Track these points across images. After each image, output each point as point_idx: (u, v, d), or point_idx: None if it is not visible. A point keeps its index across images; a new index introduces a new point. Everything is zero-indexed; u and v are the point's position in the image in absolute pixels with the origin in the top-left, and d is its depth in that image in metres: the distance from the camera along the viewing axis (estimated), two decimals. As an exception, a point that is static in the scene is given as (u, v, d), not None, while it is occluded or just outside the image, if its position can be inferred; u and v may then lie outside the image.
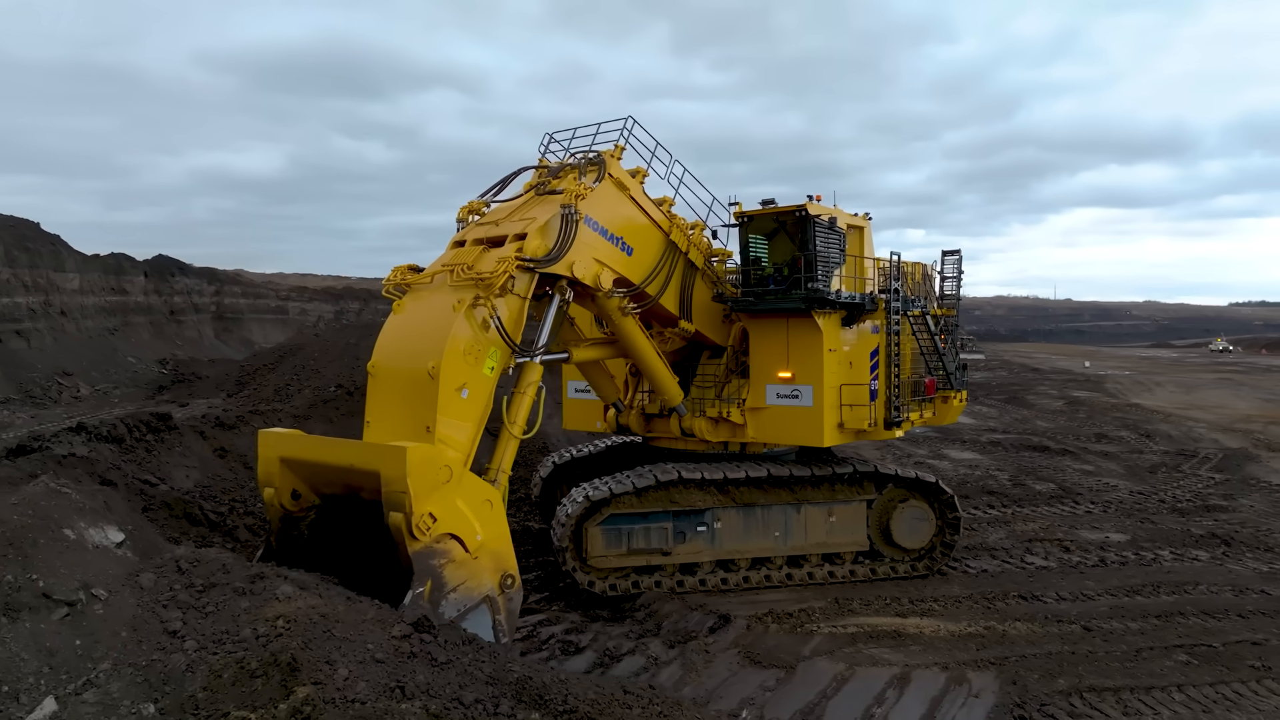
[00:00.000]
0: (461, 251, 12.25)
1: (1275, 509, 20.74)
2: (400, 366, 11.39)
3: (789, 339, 14.62)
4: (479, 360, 11.19)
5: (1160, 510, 20.43)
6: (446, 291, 11.63)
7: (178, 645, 7.30)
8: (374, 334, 32.33)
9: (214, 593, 7.94)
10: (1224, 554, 16.48)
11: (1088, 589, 14.24)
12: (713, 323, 15.66)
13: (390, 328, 11.93)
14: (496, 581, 10.25)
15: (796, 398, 14.60)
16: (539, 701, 7.65)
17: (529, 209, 12.88)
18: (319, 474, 10.87)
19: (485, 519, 10.34)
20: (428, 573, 9.50)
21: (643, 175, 14.09)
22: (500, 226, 12.67)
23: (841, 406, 14.53)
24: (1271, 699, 10.18)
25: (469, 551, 10.02)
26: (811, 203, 14.34)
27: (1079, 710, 9.94)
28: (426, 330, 11.34)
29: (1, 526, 7.52)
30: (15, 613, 7.06)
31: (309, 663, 6.96)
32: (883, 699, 10.32)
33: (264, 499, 11.14)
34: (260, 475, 11.15)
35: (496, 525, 10.50)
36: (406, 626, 7.85)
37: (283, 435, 11.65)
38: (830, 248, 14.64)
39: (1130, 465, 26.52)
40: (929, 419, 15.94)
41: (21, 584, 7.21)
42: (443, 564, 9.69)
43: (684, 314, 14.91)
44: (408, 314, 11.92)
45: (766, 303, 14.53)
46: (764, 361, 14.96)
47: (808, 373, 14.43)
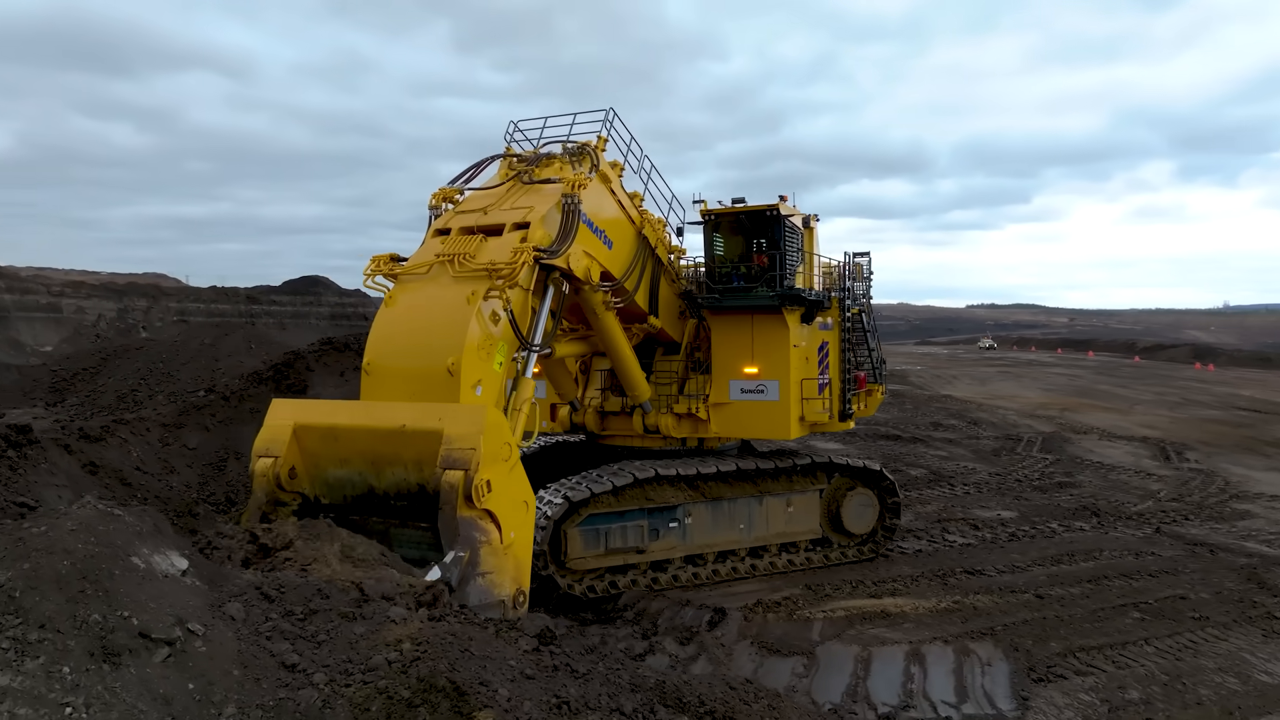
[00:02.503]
0: (458, 241, 11.55)
1: (1110, 483, 23.71)
2: (406, 364, 10.62)
3: (754, 335, 14.99)
4: (490, 355, 10.65)
5: (1023, 489, 22.77)
6: (449, 283, 10.97)
7: (303, 680, 6.45)
8: (229, 333, 29.67)
9: (318, 619, 7.07)
10: (1099, 524, 18.66)
11: (1016, 561, 15.67)
12: (671, 319, 15.78)
13: (385, 322, 11.11)
14: (512, 592, 9.54)
15: (762, 393, 14.99)
16: (680, 704, 7.47)
17: (521, 198, 12.38)
18: (342, 446, 9.78)
19: (519, 521, 9.73)
20: (470, 543, 8.76)
21: (620, 169, 13.95)
22: (490, 215, 12.09)
23: (803, 401, 15.11)
24: (1221, 644, 11.73)
25: (502, 543, 9.32)
26: (781, 203, 14.80)
27: (1080, 668, 10.98)
28: (435, 324, 10.66)
29: (70, 557, 6.31)
30: (116, 657, 5.95)
31: (469, 685, 6.40)
32: (910, 674, 10.87)
33: (254, 472, 9.89)
34: (258, 444, 9.99)
35: (526, 533, 9.94)
36: (532, 639, 7.38)
37: (301, 402, 10.57)
38: (793, 247, 15.19)
39: (975, 450, 29.29)
40: (860, 411, 16.88)
41: (114, 623, 6.09)
42: (482, 542, 8.92)
43: (652, 310, 14.90)
44: (403, 307, 11.15)
45: (740, 299, 14.82)
46: (727, 358, 15.24)
47: (774, 368, 14.87)
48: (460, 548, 8.63)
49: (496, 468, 9.10)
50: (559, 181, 12.27)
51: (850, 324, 16.17)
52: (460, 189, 13.08)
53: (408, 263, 11.66)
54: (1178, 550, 16.35)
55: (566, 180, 12.19)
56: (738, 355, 15.14)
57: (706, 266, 15.47)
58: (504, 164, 13.44)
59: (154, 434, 20.01)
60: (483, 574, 8.91)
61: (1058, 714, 9.81)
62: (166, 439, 19.98)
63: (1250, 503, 21.27)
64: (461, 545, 8.65)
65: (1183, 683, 10.52)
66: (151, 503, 16.98)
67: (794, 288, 14.59)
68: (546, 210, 11.71)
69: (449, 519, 8.75)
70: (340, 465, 9.93)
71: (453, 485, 8.74)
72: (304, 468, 10.03)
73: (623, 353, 14.26)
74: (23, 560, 6.19)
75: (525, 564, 9.79)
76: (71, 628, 5.95)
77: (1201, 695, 10.20)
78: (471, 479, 8.71)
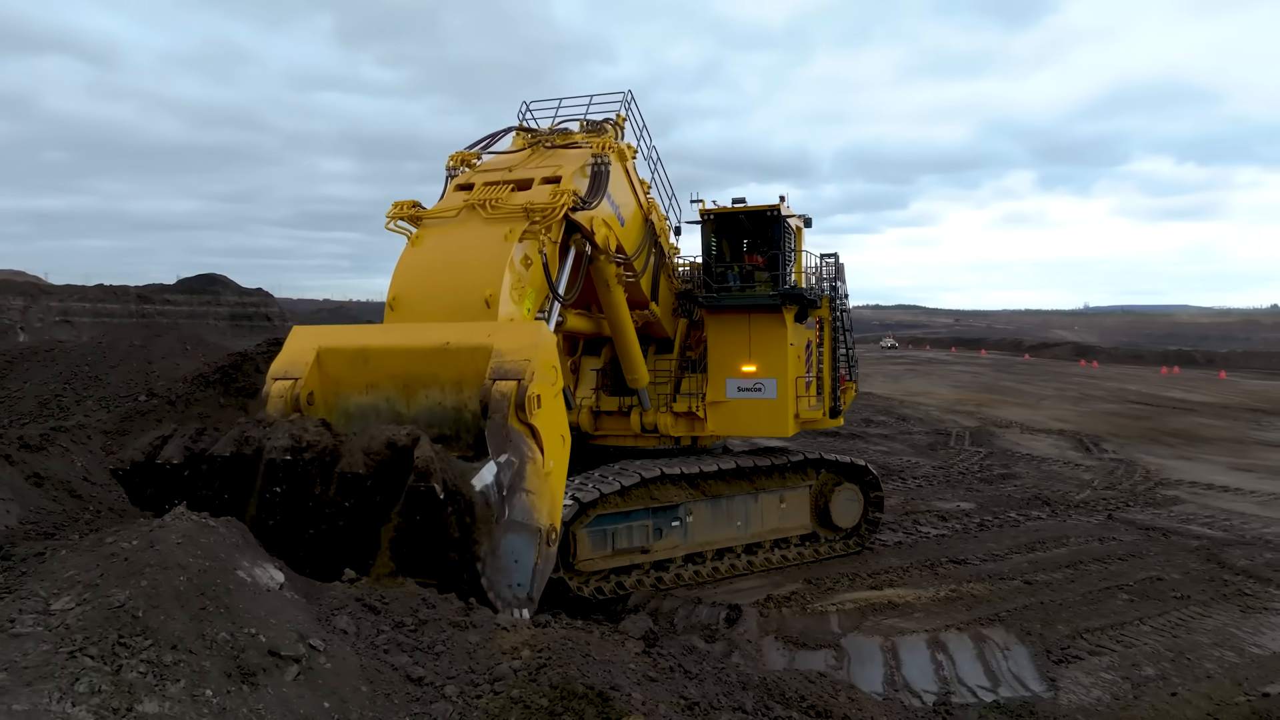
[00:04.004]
0: (486, 189, 11.09)
1: (1046, 474, 25.02)
2: (438, 297, 9.97)
3: (751, 334, 15.16)
4: (521, 298, 10.11)
5: (970, 481, 23.78)
6: (481, 225, 10.48)
7: (435, 693, 6.17)
8: (161, 334, 28.15)
9: (430, 630, 6.78)
10: (1053, 512, 19.67)
11: (992, 550, 16.36)
12: (667, 313, 15.78)
13: (412, 259, 10.52)
14: (547, 525, 8.60)
15: (759, 391, 15.18)
16: (785, 700, 7.51)
17: (546, 159, 12.05)
18: (372, 369, 9.00)
19: (557, 453, 8.88)
20: (519, 454, 8.00)
21: (634, 153, 13.92)
22: (515, 172, 11.68)
23: (797, 398, 15.37)
24: (1208, 620, 12.57)
25: (544, 468, 8.57)
26: (783, 203, 15.02)
27: (1092, 648, 11.58)
28: (469, 260, 10.11)
29: (185, 573, 5.87)
30: (252, 677, 5.57)
31: (606, 690, 6.25)
32: (938, 662, 11.22)
33: (268, 394, 8.89)
34: (275, 367, 9.09)
35: (562, 467, 9.10)
36: (638, 641, 7.28)
37: (324, 327, 9.94)
38: (788, 247, 15.44)
39: (912, 445, 30.39)
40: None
41: (244, 641, 5.70)
42: (529, 458, 8.11)
43: (653, 297, 14.87)
44: (432, 247, 10.60)
45: (741, 298, 14.93)
46: (724, 356, 15.35)
47: (772, 366, 15.08)
48: (514, 455, 7.88)
49: (545, 389, 8.47)
50: (585, 146, 12.12)
51: (838, 322, 16.55)
52: (478, 153, 12.76)
53: (433, 209, 11.18)
54: (1135, 535, 17.41)
55: (594, 143, 12.07)
56: (735, 354, 15.29)
57: (704, 265, 15.56)
58: (518, 137, 13.20)
59: (96, 442, 18.73)
60: (527, 491, 8.12)
61: (1086, 693, 10.31)
62: (110, 447, 18.73)
63: (1175, 489, 22.82)
64: (514, 452, 7.90)
65: (1187, 658, 11.23)
66: (105, 515, 15.94)
67: (796, 287, 14.84)
68: (577, 167, 11.42)
69: (499, 426, 7.96)
70: (366, 391, 9.12)
71: (504, 394, 8.04)
72: (323, 395, 9.14)
73: (628, 332, 14.11)
74: (137, 578, 5.73)
75: (559, 500, 9.06)
76: (202, 648, 5.55)
77: (1208, 669, 10.91)
78: (525, 389, 8.05)
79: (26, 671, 4.93)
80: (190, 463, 7.58)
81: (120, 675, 5.11)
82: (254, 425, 7.72)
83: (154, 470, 7.74)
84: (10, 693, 4.76)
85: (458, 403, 8.68)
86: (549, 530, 8.37)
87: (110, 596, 5.54)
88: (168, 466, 7.63)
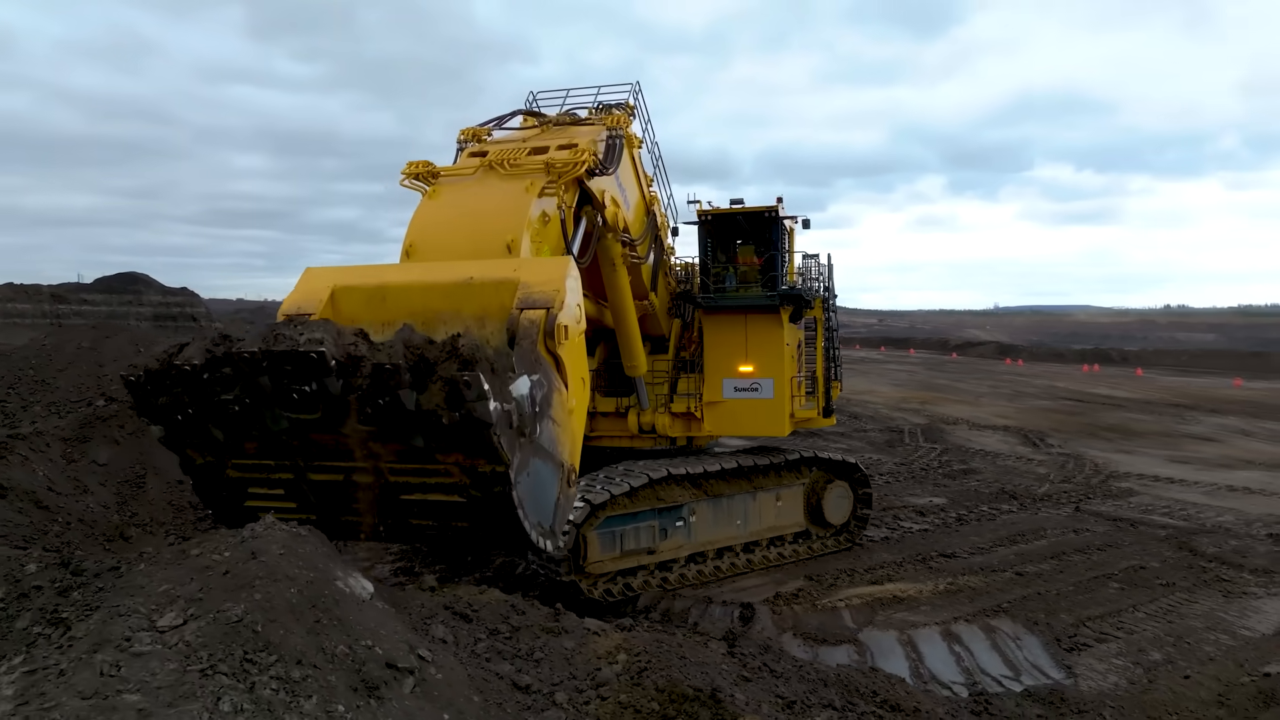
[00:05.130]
0: (504, 151, 10.95)
1: (1003, 469, 25.88)
2: (456, 244, 9.67)
3: (748, 334, 15.28)
4: (538, 251, 9.91)
5: (933, 476, 24.43)
6: (499, 181, 10.40)
7: (545, 700, 6.07)
8: (110, 334, 27.00)
9: (524, 636, 6.68)
10: (1022, 506, 20.37)
11: (976, 544, 16.85)
12: (663, 310, 15.78)
13: (429, 210, 10.32)
14: (568, 464, 8.16)
15: (756, 390, 15.31)
16: (860, 693, 7.62)
17: (559, 133, 11.91)
18: (389, 307, 8.52)
19: (578, 394, 8.60)
20: (548, 381, 7.58)
21: (639, 144, 13.93)
22: (530, 143, 11.53)
23: (792, 398, 15.57)
24: (1195, 606, 13.21)
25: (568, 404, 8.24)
26: (780, 204, 15.18)
27: (1097, 634, 12.06)
28: (488, 209, 9.97)
29: (293, 584, 5.64)
30: (376, 690, 5.39)
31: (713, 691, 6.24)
32: (956, 653, 11.52)
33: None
34: (286, 306, 8.57)
35: (582, 410, 8.78)
36: (721, 641, 7.27)
37: (339, 267, 9.44)
38: (785, 247, 15.62)
39: (869, 441, 31.04)
40: None
41: (363, 654, 5.51)
42: (555, 387, 7.71)
43: (653, 288, 14.86)
44: (449, 200, 10.41)
45: (740, 299, 15.04)
46: (721, 357, 15.44)
47: (769, 366, 15.23)
48: (543, 376, 7.47)
49: (573, 324, 8.21)
50: (597, 123, 12.11)
51: (830, 322, 16.81)
52: (489, 129, 12.61)
53: (449, 167, 10.98)
54: (1105, 526, 18.16)
55: (607, 120, 12.13)
56: (732, 354, 15.38)
57: (701, 266, 15.62)
58: (527, 121, 13.08)
59: (55, 450, 17.86)
60: (553, 421, 7.69)
61: (1103, 679, 10.72)
62: (71, 455, 17.87)
63: (1126, 481, 23.87)
64: (544, 375, 7.50)
65: (1187, 642, 11.78)
66: (75, 527, 15.24)
67: (794, 287, 15.03)
68: (593, 138, 11.37)
69: (528, 352, 7.53)
70: (382, 329, 8.46)
71: (533, 322, 7.71)
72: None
73: (630, 315, 14.04)
74: (247, 591, 5.49)
75: (579, 441, 8.70)
76: (325, 662, 5.36)
77: (1208, 652, 11.47)
78: (555, 317, 7.73)
79: (163, 692, 4.68)
80: (211, 365, 6.81)
81: (255, 693, 4.90)
82: (284, 324, 7.10)
83: (171, 375, 6.98)
84: (155, 715, 4.52)
85: (480, 338, 8.12)
86: (570, 470, 8.05)
87: (225, 611, 5.30)
88: (187, 368, 6.86)
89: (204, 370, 6.81)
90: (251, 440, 6.89)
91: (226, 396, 6.77)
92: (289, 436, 6.76)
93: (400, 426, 6.42)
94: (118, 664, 4.78)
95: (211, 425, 6.90)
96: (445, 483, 6.62)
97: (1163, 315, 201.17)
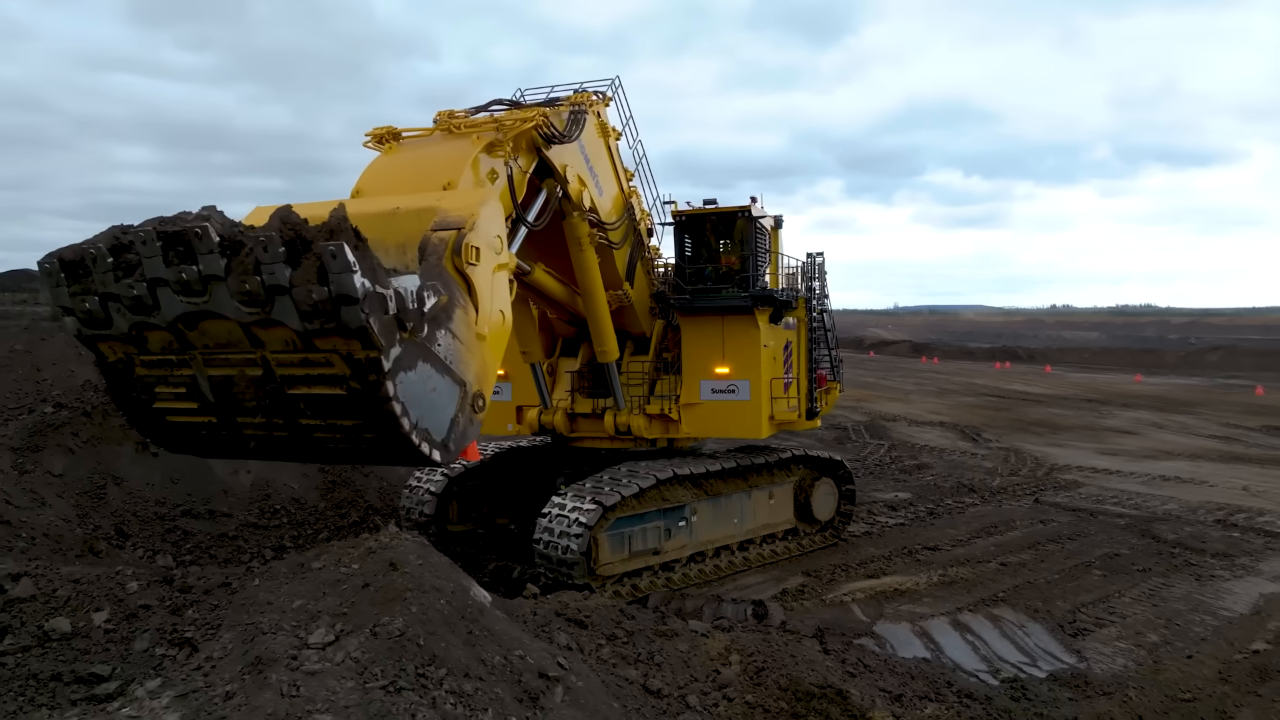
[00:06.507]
0: (460, 118, 11.17)
1: (952, 463, 26.86)
2: (398, 187, 9.98)
3: (724, 335, 15.34)
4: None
5: (889, 471, 25.20)
6: (450, 138, 10.75)
7: (679, 704, 6.08)
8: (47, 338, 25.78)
9: (640, 641, 6.65)
10: (983, 499, 21.20)
11: (954, 536, 17.48)
12: (644, 308, 15.75)
13: (381, 162, 10.75)
14: (474, 388, 8.14)
15: (733, 392, 15.38)
16: (937, 683, 7.84)
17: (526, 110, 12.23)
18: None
19: (494, 327, 8.70)
20: (449, 293, 7.64)
21: (616, 135, 14.05)
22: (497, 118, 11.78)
23: (773, 400, 15.71)
24: (1174, 589, 14.02)
25: (477, 327, 8.28)
26: (754, 204, 15.35)
27: (1095, 619, 12.69)
28: (434, 158, 10.39)
29: (442, 596, 5.50)
30: (535, 700, 5.30)
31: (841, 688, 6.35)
32: (969, 641, 11.94)
33: None
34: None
35: (499, 344, 8.87)
36: (813, 639, 7.38)
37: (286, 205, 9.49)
38: (762, 247, 15.78)
39: (820, 439, 31.63)
40: (822, 409, 17.89)
41: (518, 665, 5.41)
42: (460, 303, 7.80)
43: (628, 279, 14.91)
44: (400, 154, 10.87)
45: (714, 301, 15.07)
46: (698, 358, 15.45)
47: (745, 368, 15.29)
48: (442, 286, 7.54)
49: (487, 251, 8.39)
50: (564, 104, 12.43)
51: (814, 323, 17.08)
52: (467, 114, 12.66)
53: (411, 129, 11.35)
54: (1068, 516, 19.08)
55: (572, 98, 12.57)
56: (709, 355, 15.40)
57: (676, 267, 15.68)
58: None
59: (5, 460, 16.84)
60: (454, 336, 7.74)
61: (1112, 661, 11.29)
62: (23, 465, 16.85)
63: (1069, 474, 25.10)
64: (444, 286, 7.58)
65: (1177, 624, 12.51)
66: (40, 542, 14.39)
67: (767, 288, 15.15)
68: (555, 111, 11.77)
69: (433, 267, 7.71)
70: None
71: (442, 239, 7.92)
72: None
73: (598, 297, 14.01)
74: (401, 603, 5.33)
75: (491, 372, 8.76)
76: (487, 673, 5.27)
77: (1198, 632, 12.21)
78: (464, 236, 7.93)
79: (354, 711, 4.51)
80: (116, 250, 6.99)
81: (438, 708, 4.77)
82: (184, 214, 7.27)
83: (82, 263, 7.17)
84: (360, 736, 4.35)
85: (400, 265, 8.38)
86: (476, 395, 8.13)
87: (384, 625, 5.12)
88: (93, 251, 7.01)
89: (110, 254, 7.04)
90: (152, 329, 7.12)
91: (128, 280, 6.99)
92: (185, 325, 6.96)
93: (277, 306, 6.51)
94: (295, 684, 4.58)
95: (115, 314, 7.14)
96: (328, 374, 6.72)
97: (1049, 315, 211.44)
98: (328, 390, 6.70)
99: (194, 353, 7.07)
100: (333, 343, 6.41)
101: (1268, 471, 25.67)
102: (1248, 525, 18.32)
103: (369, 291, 6.20)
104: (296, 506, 17.76)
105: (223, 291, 6.50)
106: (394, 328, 6.53)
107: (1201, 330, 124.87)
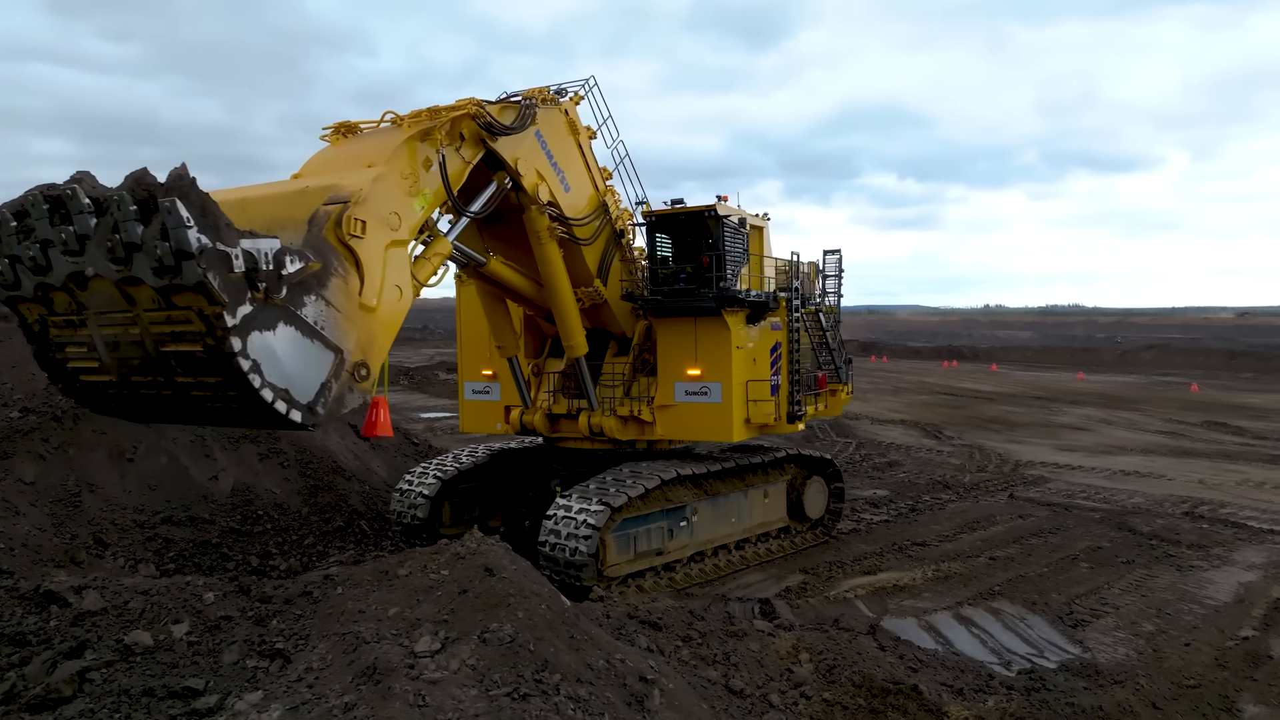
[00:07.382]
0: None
1: (921, 461, 27.42)
2: (331, 169, 10.49)
3: (697, 337, 15.29)
4: (414, 191, 10.30)
5: (864, 469, 25.61)
6: (393, 129, 11.13)
7: (762, 704, 6.13)
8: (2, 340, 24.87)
9: (713, 641, 6.68)
10: (959, 495, 21.70)
11: (940, 533, 17.85)
12: (622, 309, 15.71)
13: (324, 151, 11.39)
14: (354, 357, 8.31)
15: (705, 395, 15.33)
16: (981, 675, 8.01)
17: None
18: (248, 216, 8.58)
19: (387, 301, 8.98)
20: (324, 260, 7.94)
21: (591, 134, 14.12)
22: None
23: (748, 402, 15.66)
24: (1158, 580, 14.54)
25: (361, 298, 8.51)
26: (720, 203, 15.38)
27: (1091, 610, 13.09)
28: (370, 146, 10.81)
29: (541, 600, 5.45)
30: (641, 703, 5.29)
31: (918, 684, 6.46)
32: (975, 634, 12.22)
33: None
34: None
35: (392, 318, 9.11)
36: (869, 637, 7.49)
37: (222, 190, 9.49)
38: (736, 247, 15.75)
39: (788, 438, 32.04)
40: (822, 411, 17.97)
41: (619, 668, 5.40)
42: (336, 272, 8.06)
43: (600, 276, 14.94)
44: (345, 144, 11.42)
45: (678, 302, 15.01)
46: (672, 359, 15.39)
47: (716, 370, 15.16)
48: (313, 253, 7.80)
49: (378, 225, 8.82)
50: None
51: (803, 325, 17.18)
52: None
53: (368, 122, 11.66)
54: (1044, 511, 19.64)
55: (527, 91, 13.06)
56: (682, 357, 15.28)
57: (650, 269, 15.67)
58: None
59: (-25, 467, 16.16)
60: (329, 303, 7.99)
61: (1114, 650, 11.67)
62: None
63: (1034, 470, 25.84)
64: (315, 253, 7.84)
65: (1168, 613, 12.98)
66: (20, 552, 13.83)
67: (730, 289, 15.08)
68: (505, 105, 12.20)
69: (314, 236, 8.04)
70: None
71: (328, 212, 8.38)
72: None
73: (561, 290, 14.03)
74: (508, 609, 5.29)
75: (380, 344, 8.90)
76: (594, 677, 5.27)
77: (1189, 621, 12.69)
78: (348, 208, 8.38)
79: (484, 719, 4.43)
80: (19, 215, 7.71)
81: (561, 713, 4.73)
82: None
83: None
84: (502, 744, 4.30)
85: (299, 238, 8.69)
86: (358, 365, 8.34)
87: (494, 631, 5.06)
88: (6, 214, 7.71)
89: (14, 219, 7.67)
90: (55, 290, 7.61)
91: (27, 243, 7.59)
92: (76, 285, 7.45)
93: (136, 263, 6.93)
94: (421, 694, 4.50)
95: (21, 275, 7.69)
96: (189, 331, 7.12)
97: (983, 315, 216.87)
98: (189, 347, 7.14)
99: (88, 313, 7.59)
100: (188, 299, 6.82)
101: (1217, 465, 26.76)
102: (1214, 517, 19.09)
103: (206, 247, 6.56)
104: (279, 512, 17.34)
105: (95, 250, 7.03)
106: (243, 286, 6.93)
107: (1126, 329, 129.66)
